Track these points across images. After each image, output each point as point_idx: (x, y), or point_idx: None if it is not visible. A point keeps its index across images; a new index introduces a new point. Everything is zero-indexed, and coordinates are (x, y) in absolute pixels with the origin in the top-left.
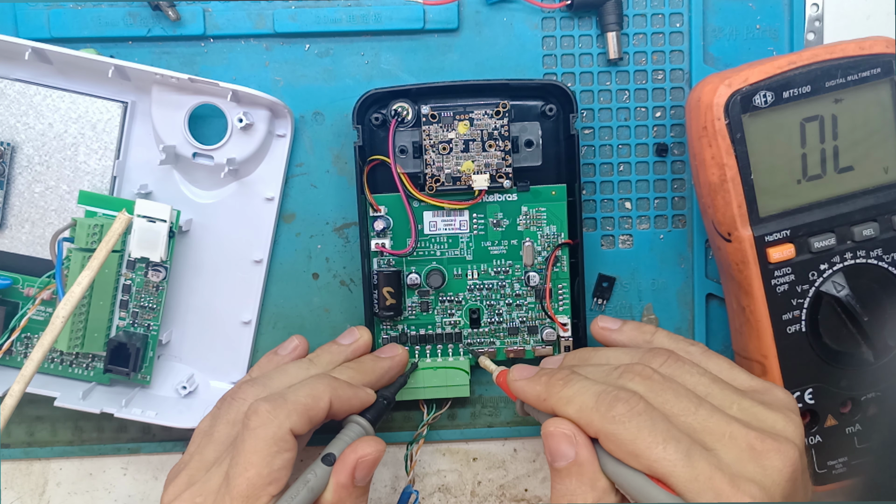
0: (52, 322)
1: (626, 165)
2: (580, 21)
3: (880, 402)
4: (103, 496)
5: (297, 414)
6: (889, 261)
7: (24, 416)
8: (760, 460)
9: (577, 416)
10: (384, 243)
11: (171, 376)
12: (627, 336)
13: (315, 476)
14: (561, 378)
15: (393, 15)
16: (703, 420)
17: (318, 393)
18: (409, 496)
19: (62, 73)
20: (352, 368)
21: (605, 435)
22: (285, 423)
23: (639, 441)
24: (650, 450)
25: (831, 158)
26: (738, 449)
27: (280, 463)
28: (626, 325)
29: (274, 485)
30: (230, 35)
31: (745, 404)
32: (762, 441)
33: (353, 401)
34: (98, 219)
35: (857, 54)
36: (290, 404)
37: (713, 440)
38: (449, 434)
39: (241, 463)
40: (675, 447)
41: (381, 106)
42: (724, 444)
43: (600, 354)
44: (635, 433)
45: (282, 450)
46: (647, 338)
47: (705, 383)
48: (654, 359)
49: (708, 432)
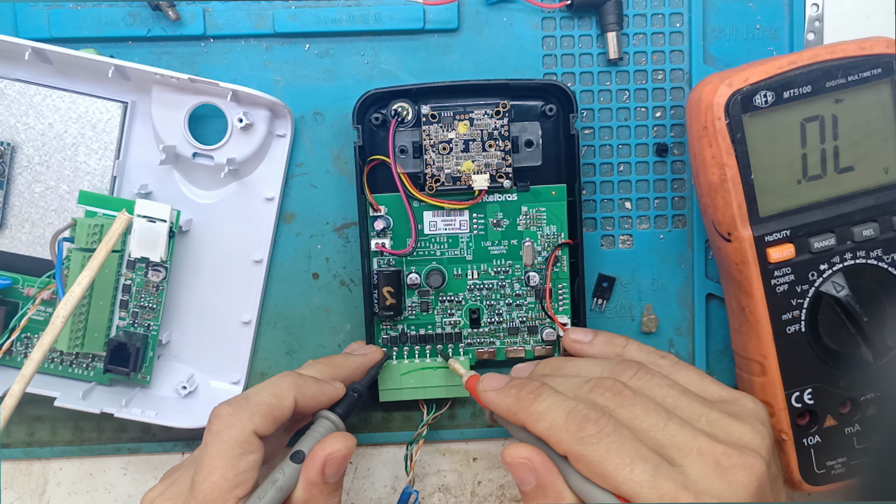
0: (52, 322)
1: (626, 165)
2: (580, 21)
3: (880, 403)
4: (103, 496)
5: (259, 415)
6: (889, 261)
7: (24, 416)
8: (726, 476)
9: (546, 433)
10: (384, 243)
11: (171, 376)
12: (599, 348)
13: (283, 475)
14: (531, 392)
15: (393, 15)
16: (672, 435)
17: (281, 392)
18: (409, 496)
19: (62, 73)
20: (321, 364)
21: (574, 455)
22: (248, 425)
23: (607, 463)
24: (618, 471)
25: (831, 158)
26: (705, 465)
27: (245, 465)
28: (597, 336)
29: (240, 487)
30: (230, 35)
31: (714, 416)
32: (728, 456)
33: (320, 396)
34: (98, 219)
35: (857, 54)
36: (252, 406)
37: (681, 456)
38: (449, 434)
39: (205, 468)
40: (643, 468)
41: (381, 106)
42: (692, 459)
43: (571, 365)
44: (604, 454)
45: (246, 452)
46: (617, 350)
47: (674, 396)
48: (624, 371)
49: (676, 448)
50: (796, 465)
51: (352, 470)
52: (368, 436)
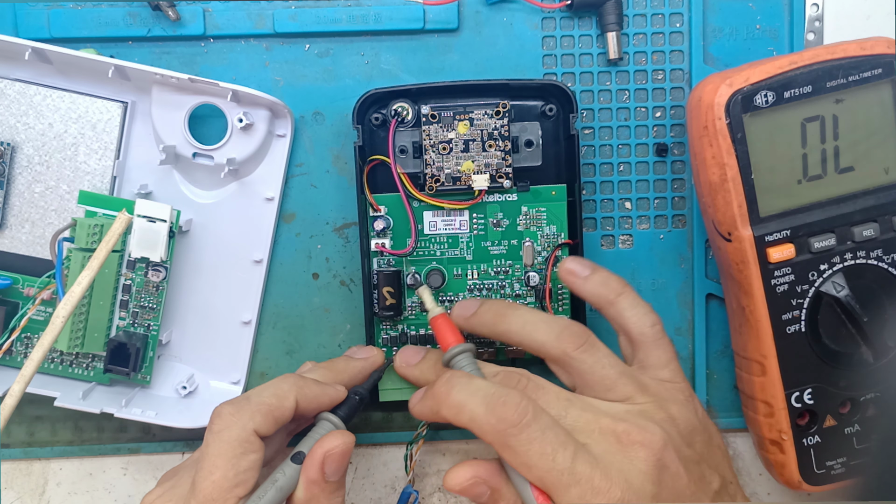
0: (52, 322)
1: (626, 165)
2: (580, 21)
3: (879, 403)
4: (103, 496)
5: (260, 414)
6: (889, 261)
7: (24, 416)
8: (626, 452)
9: (471, 426)
10: (384, 243)
11: (171, 376)
12: (592, 288)
13: (284, 475)
14: (443, 384)
15: (393, 15)
16: (574, 420)
17: (283, 392)
18: (409, 496)
19: (62, 73)
20: (323, 368)
21: (500, 446)
22: (248, 425)
23: (531, 453)
24: (542, 460)
25: (832, 159)
26: (607, 442)
27: (246, 465)
28: (594, 273)
29: (241, 486)
30: (230, 35)
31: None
32: (628, 434)
33: (321, 398)
34: (98, 219)
35: (858, 55)
36: (253, 405)
37: (584, 437)
38: (449, 434)
39: (206, 467)
40: (563, 455)
41: (381, 106)
42: (595, 438)
43: (516, 316)
44: (527, 445)
45: (247, 451)
46: (611, 297)
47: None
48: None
49: (579, 431)
50: (796, 465)
51: (352, 470)
52: (368, 436)
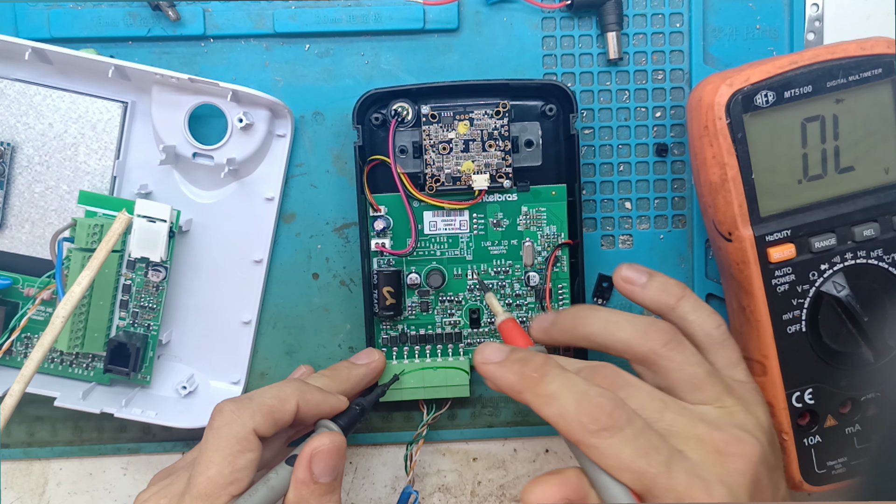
0: (52, 322)
1: (626, 165)
2: (580, 21)
3: (880, 403)
4: (103, 496)
5: (261, 414)
6: (889, 261)
7: (24, 416)
8: (725, 462)
9: (556, 420)
10: (384, 243)
11: (171, 376)
12: (651, 294)
13: (276, 475)
14: (536, 369)
15: (393, 15)
16: (669, 424)
17: (285, 395)
18: (409, 496)
19: (62, 73)
20: (326, 376)
21: (588, 446)
22: (248, 423)
23: (622, 455)
24: (634, 463)
25: (832, 158)
26: (706, 451)
27: (242, 463)
28: (652, 280)
29: (235, 485)
30: (230, 35)
31: (728, 402)
32: (727, 443)
33: (322, 406)
34: (98, 219)
35: (858, 55)
36: (254, 405)
37: (680, 443)
38: (449, 434)
39: (203, 462)
40: (657, 459)
41: (381, 106)
42: (692, 446)
43: (597, 317)
44: (619, 447)
45: (244, 450)
46: (671, 302)
47: (698, 378)
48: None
49: (675, 436)
50: (797, 465)
51: (352, 470)
52: (368, 436)
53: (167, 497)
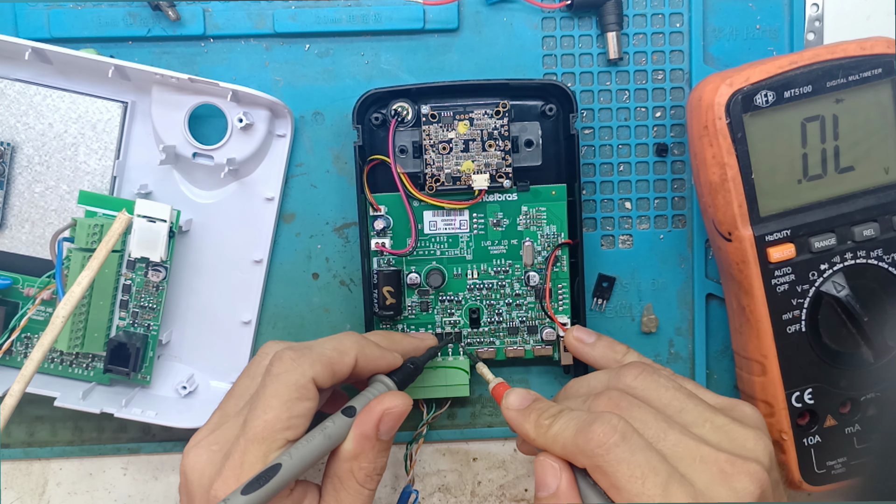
0: (52, 322)
1: (626, 165)
2: (580, 21)
3: (880, 403)
4: (103, 496)
5: (321, 364)
6: (889, 261)
7: (24, 416)
8: (731, 483)
9: (563, 453)
10: (384, 243)
11: (171, 376)
12: (600, 352)
13: (333, 424)
14: (549, 417)
15: (393, 15)
16: (673, 445)
17: (345, 348)
18: (409, 496)
19: (62, 73)
20: (381, 335)
21: (591, 468)
22: (308, 372)
23: (619, 474)
24: (630, 484)
25: (832, 158)
26: (710, 473)
27: (300, 410)
28: (600, 340)
29: (291, 430)
30: (230, 35)
31: (719, 422)
32: (732, 464)
33: (379, 361)
34: (98, 219)
35: (858, 54)
36: (314, 354)
37: (684, 465)
38: (449, 434)
39: (260, 406)
40: (654, 481)
41: (381, 106)
42: (696, 468)
43: (581, 382)
44: (615, 466)
45: (303, 397)
46: (618, 357)
47: (680, 398)
48: (629, 373)
49: (678, 458)
50: (796, 465)
51: None
52: None
53: (219, 442)
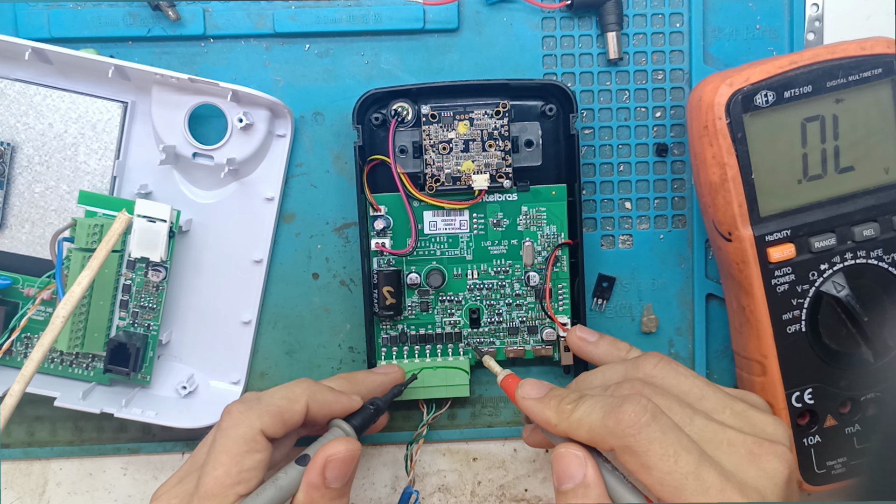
0: (52, 322)
1: (626, 165)
2: (580, 21)
3: (880, 403)
4: (103, 496)
5: (269, 415)
6: (889, 261)
7: (24, 416)
8: (760, 464)
9: (588, 437)
10: (384, 243)
11: (171, 376)
12: (603, 350)
13: (286, 475)
14: (570, 402)
15: (393, 15)
16: (700, 430)
17: (295, 396)
18: (409, 496)
19: (62, 73)
20: (341, 378)
21: (619, 449)
22: (256, 424)
23: (651, 454)
24: (662, 462)
25: (832, 158)
26: (738, 455)
27: (250, 463)
28: (602, 338)
29: (242, 485)
30: (230, 35)
31: (738, 408)
32: (759, 445)
33: (333, 405)
34: (98, 219)
35: (858, 54)
36: (262, 405)
37: (712, 448)
38: (449, 434)
39: (210, 462)
40: (686, 459)
41: (381, 106)
42: (724, 451)
43: (595, 374)
44: (647, 446)
45: (252, 450)
46: (621, 354)
47: (700, 386)
48: (647, 362)
49: (706, 441)
50: (797, 465)
51: None
52: (368, 436)
53: (178, 497)
